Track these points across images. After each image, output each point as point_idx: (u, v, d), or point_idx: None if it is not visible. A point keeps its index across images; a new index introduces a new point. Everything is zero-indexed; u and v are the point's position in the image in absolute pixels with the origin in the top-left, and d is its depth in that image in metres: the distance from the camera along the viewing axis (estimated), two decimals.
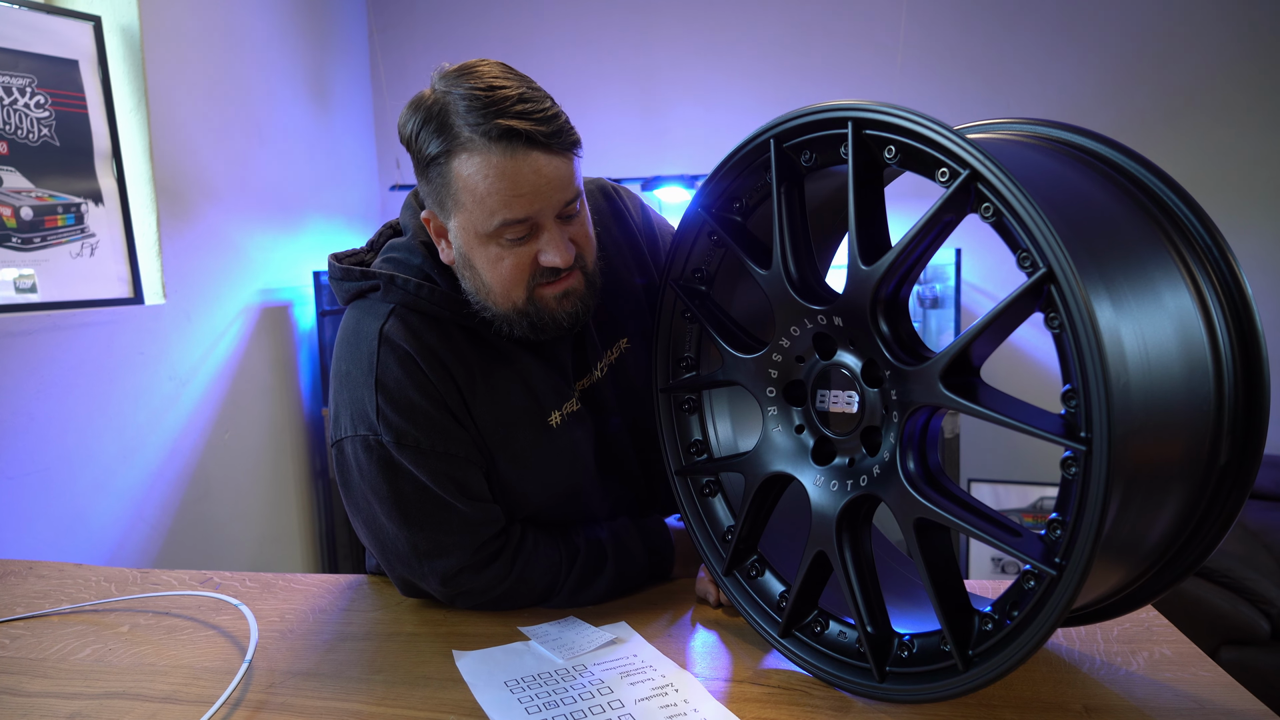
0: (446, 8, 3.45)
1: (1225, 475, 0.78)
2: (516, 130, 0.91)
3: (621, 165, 3.35)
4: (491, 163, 0.92)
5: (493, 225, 0.95)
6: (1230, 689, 0.86)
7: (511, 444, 1.08)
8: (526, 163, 0.92)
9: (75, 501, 1.96)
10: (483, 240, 0.97)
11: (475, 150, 0.92)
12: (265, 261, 2.71)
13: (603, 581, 1.11)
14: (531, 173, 0.93)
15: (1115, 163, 0.83)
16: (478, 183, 0.93)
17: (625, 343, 1.17)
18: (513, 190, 0.93)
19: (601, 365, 1.15)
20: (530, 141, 0.92)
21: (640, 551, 1.14)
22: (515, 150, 0.91)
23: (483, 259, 0.99)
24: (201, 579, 1.27)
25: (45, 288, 1.90)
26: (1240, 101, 3.02)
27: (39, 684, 0.96)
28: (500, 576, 1.08)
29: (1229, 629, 2.20)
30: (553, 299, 1.01)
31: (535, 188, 0.93)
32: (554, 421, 1.10)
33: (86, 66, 2.01)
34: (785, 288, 0.88)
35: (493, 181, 0.92)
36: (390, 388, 1.02)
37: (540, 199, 0.94)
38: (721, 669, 0.95)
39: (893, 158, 0.78)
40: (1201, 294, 0.77)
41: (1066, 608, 0.68)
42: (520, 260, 0.98)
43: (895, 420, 0.82)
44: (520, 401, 1.08)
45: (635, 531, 1.15)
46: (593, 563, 1.11)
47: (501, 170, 0.92)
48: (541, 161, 0.93)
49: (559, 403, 1.10)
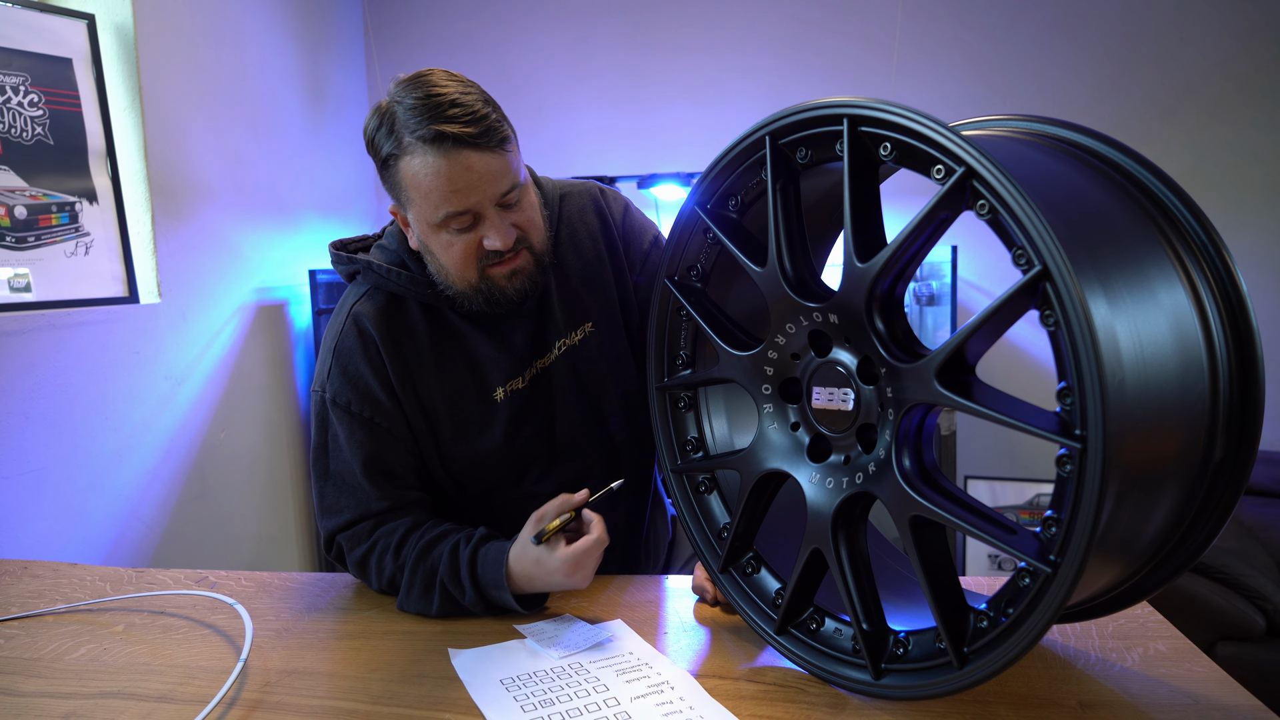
0: (441, 6, 3.44)
1: (1220, 472, 0.78)
2: (446, 134, 1.01)
3: (617, 162, 3.34)
4: (430, 163, 1.03)
5: (439, 217, 1.07)
6: (1224, 684, 0.86)
7: (454, 415, 1.20)
8: (459, 161, 1.03)
9: (71, 501, 1.95)
10: (434, 229, 1.09)
11: (416, 153, 1.04)
12: (261, 260, 2.70)
13: (432, 601, 1.11)
14: (465, 170, 1.03)
15: (1111, 159, 0.83)
16: (421, 180, 1.04)
17: (590, 326, 1.25)
18: (450, 186, 1.04)
19: (561, 343, 1.23)
20: (459, 142, 1.02)
21: (469, 585, 1.09)
22: (448, 151, 1.02)
23: (437, 245, 1.11)
24: (197, 578, 1.27)
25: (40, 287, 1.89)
26: (1237, 98, 3.03)
27: (34, 684, 0.96)
28: (362, 557, 1.17)
29: (1225, 625, 2.20)
30: (502, 277, 1.12)
31: (469, 183, 1.04)
32: (498, 396, 1.20)
33: (80, 65, 2.00)
34: (781, 285, 0.88)
35: (433, 179, 1.04)
36: (344, 354, 1.18)
37: (476, 192, 1.05)
38: (717, 666, 0.95)
39: (888, 155, 0.78)
40: (1196, 291, 0.77)
41: (1061, 605, 0.68)
42: (468, 245, 1.09)
43: (891, 418, 0.82)
44: (466, 376, 1.20)
45: (470, 564, 1.10)
46: (425, 582, 1.12)
47: (438, 169, 1.03)
48: (473, 159, 1.03)
49: (504, 380, 1.20)
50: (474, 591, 1.08)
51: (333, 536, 1.20)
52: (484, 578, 1.08)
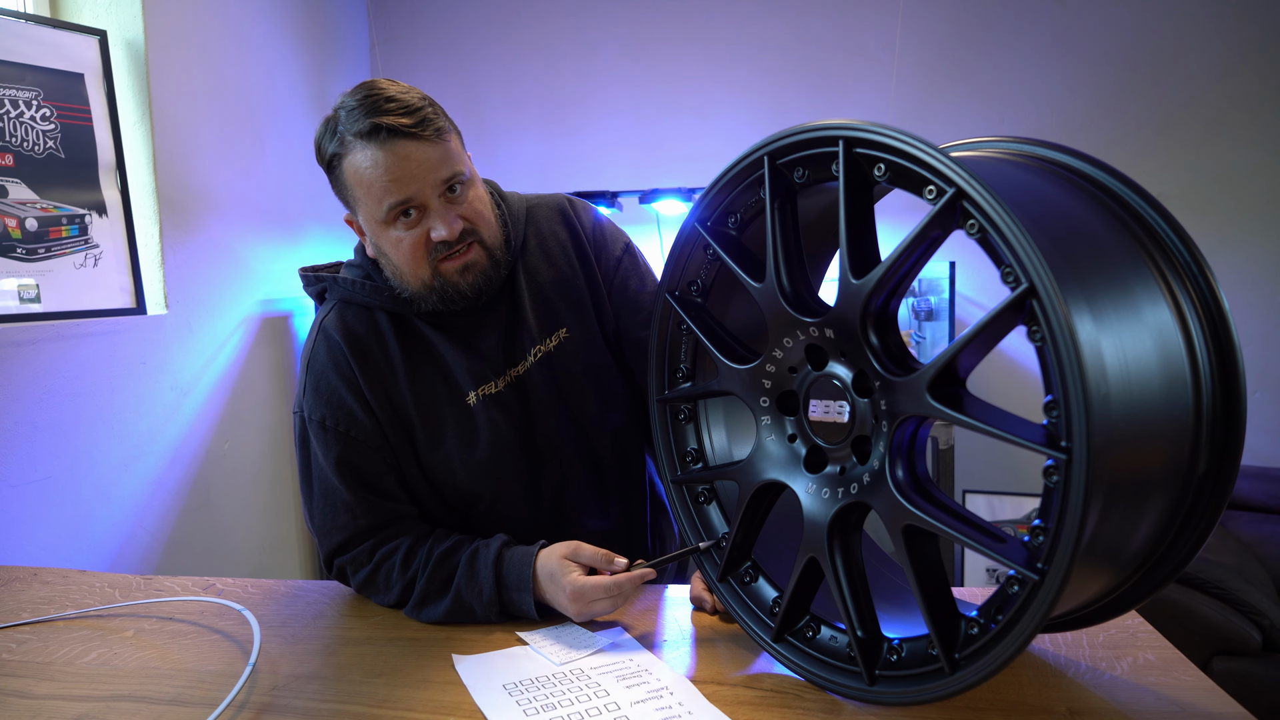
0: (447, 20, 3.48)
1: (1204, 484, 0.80)
2: (382, 125, 1.04)
3: (619, 177, 3.37)
4: (369, 156, 1.06)
5: (383, 212, 1.08)
6: (1211, 693, 0.88)
7: (429, 421, 1.19)
8: (396, 151, 1.05)
9: (77, 510, 1.97)
10: (383, 226, 1.11)
11: (356, 149, 1.07)
12: (266, 272, 2.73)
13: (442, 606, 1.12)
14: (402, 159, 1.05)
15: (1097, 180, 0.86)
16: (363, 175, 1.07)
17: (565, 333, 1.25)
18: (389, 176, 1.06)
19: (536, 350, 1.23)
20: (394, 133, 1.05)
21: (490, 585, 1.10)
22: (384, 142, 1.05)
23: (388, 243, 1.12)
24: (204, 585, 1.29)
25: (49, 298, 1.92)
26: (1233, 115, 3.06)
27: (46, 686, 0.98)
28: (368, 578, 1.17)
29: (1221, 640, 2.21)
30: (454, 272, 1.13)
31: (407, 172, 1.06)
32: (470, 401, 1.20)
33: (92, 80, 2.04)
34: (778, 300, 0.91)
35: (372, 171, 1.06)
36: (315, 370, 1.18)
37: (415, 181, 1.07)
38: (715, 672, 0.97)
39: (882, 175, 0.81)
40: (1180, 307, 0.79)
41: (1049, 612, 0.71)
42: (416, 239, 1.10)
43: (885, 430, 0.84)
44: (437, 381, 1.19)
45: (495, 565, 1.11)
46: (439, 588, 1.13)
47: (376, 160, 1.06)
48: (410, 148, 1.06)
49: (475, 384, 1.20)
50: (494, 591, 1.09)
51: (331, 560, 1.20)
52: (509, 577, 1.09)
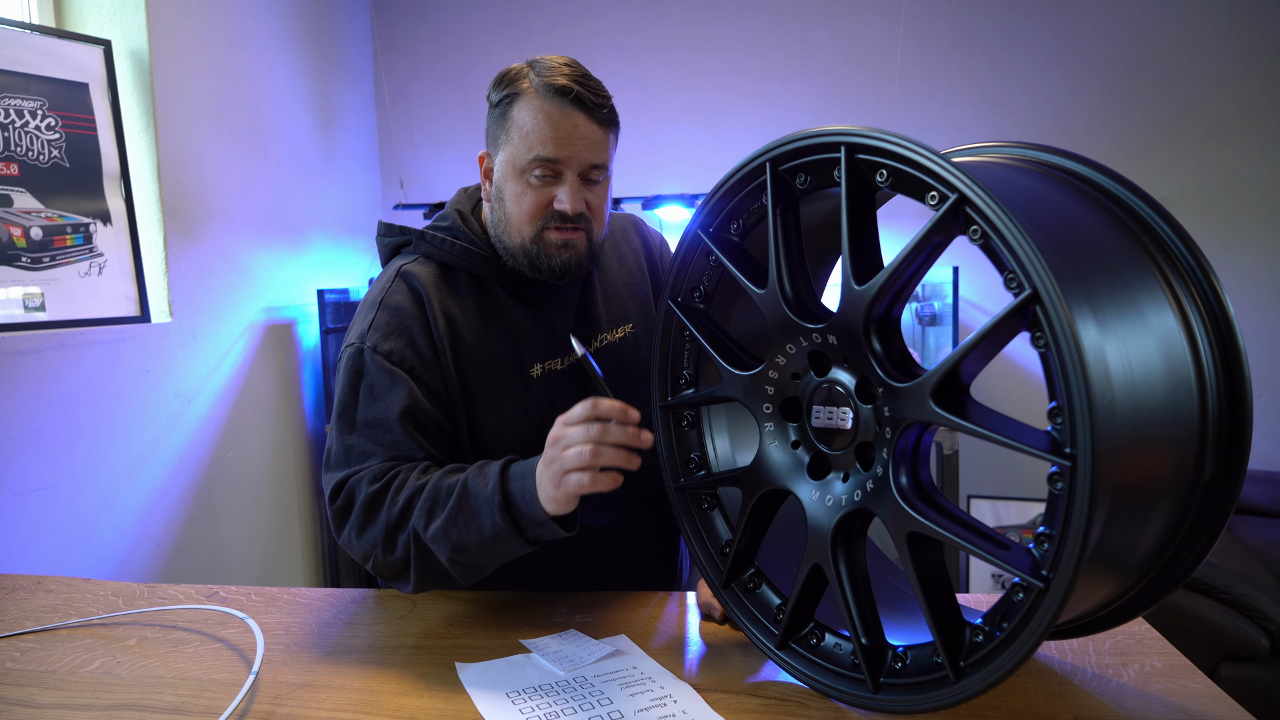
0: (449, 31, 3.50)
1: (1210, 490, 0.80)
2: (568, 88, 1.11)
3: (623, 184, 3.38)
4: (543, 108, 1.12)
5: (527, 160, 1.13)
6: (1219, 700, 0.87)
7: (491, 383, 1.21)
8: (569, 116, 1.12)
9: (81, 518, 1.98)
10: (516, 174, 1.15)
11: (535, 97, 1.12)
12: (270, 280, 2.74)
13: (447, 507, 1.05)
14: (571, 125, 1.12)
15: (1101, 185, 0.85)
16: (526, 121, 1.13)
17: (630, 328, 1.31)
18: (552, 132, 1.11)
19: (602, 338, 1.29)
20: (577, 101, 1.11)
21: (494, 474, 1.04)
22: (563, 104, 1.11)
23: (511, 192, 1.16)
24: (207, 593, 1.29)
25: (53, 306, 1.92)
26: (1237, 119, 3.06)
27: (49, 695, 0.98)
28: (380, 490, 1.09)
29: (1229, 646, 2.20)
30: (554, 244, 1.16)
31: (570, 137, 1.12)
32: (535, 373, 1.22)
33: (96, 89, 2.05)
34: (781, 307, 0.91)
35: (539, 121, 1.12)
36: (391, 307, 1.19)
37: (571, 148, 1.12)
38: (719, 680, 0.96)
39: (884, 181, 0.81)
40: (1185, 313, 0.79)
41: (1054, 619, 0.70)
42: (539, 200, 1.15)
43: (888, 436, 0.84)
44: (506, 346, 1.22)
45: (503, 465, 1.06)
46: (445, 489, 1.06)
47: (548, 115, 1.11)
48: (581, 120, 1.12)
49: (543, 357, 1.23)
50: (498, 480, 1.02)
51: (345, 480, 1.13)
52: (514, 468, 1.04)
